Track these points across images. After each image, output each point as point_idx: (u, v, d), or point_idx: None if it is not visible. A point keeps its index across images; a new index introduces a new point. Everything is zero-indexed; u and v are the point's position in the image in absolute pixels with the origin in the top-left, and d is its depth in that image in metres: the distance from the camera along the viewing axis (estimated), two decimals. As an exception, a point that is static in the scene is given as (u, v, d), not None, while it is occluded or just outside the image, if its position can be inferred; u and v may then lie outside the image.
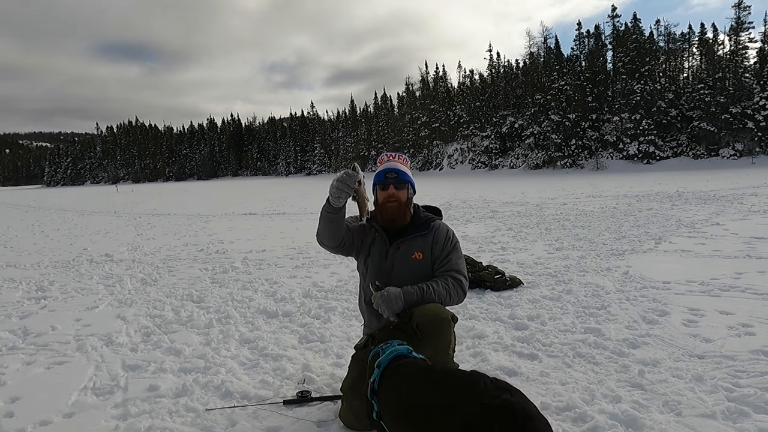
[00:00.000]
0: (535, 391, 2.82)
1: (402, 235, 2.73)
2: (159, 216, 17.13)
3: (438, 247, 2.70)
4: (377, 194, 2.78)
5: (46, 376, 3.37)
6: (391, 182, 2.72)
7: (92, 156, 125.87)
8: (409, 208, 2.78)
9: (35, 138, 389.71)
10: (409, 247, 2.69)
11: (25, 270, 7.51)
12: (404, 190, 2.74)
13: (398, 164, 2.80)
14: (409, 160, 3.00)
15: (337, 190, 2.47)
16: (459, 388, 1.75)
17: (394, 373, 2.05)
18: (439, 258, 2.69)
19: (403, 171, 2.77)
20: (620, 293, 4.70)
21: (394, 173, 2.73)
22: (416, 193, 2.88)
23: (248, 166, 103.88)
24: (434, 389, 1.83)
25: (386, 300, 2.45)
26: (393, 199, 2.71)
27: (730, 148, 43.46)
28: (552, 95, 51.36)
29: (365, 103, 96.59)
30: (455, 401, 1.71)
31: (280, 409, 2.73)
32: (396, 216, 2.72)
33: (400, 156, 2.89)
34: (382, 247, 2.75)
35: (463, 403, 1.68)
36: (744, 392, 2.63)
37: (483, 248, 7.63)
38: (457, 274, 2.65)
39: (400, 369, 2.06)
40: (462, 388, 1.74)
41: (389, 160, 2.84)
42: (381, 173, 2.76)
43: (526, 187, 24.30)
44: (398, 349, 2.16)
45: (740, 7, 47.29)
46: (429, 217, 2.82)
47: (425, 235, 2.71)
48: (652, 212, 11.20)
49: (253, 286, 5.75)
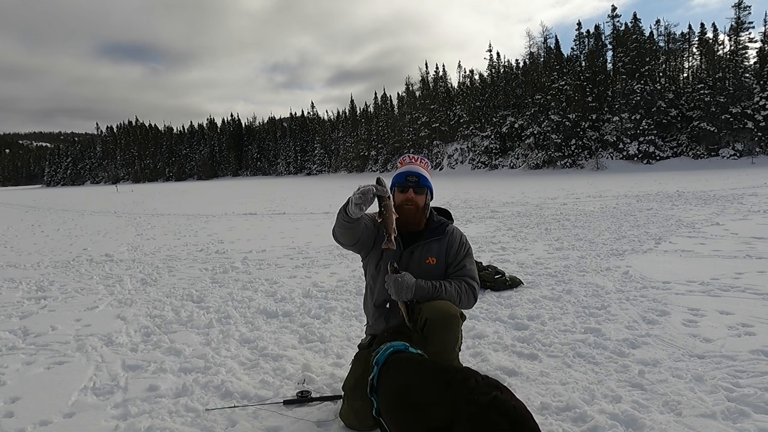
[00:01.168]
0: (535, 391, 2.82)
1: (416, 239, 2.71)
2: (159, 216, 17.13)
3: (452, 253, 2.70)
4: (395, 195, 2.74)
5: (46, 376, 3.37)
6: (411, 186, 2.69)
7: (92, 156, 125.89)
8: (425, 213, 2.76)
9: (35, 138, 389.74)
10: (423, 251, 2.68)
11: (25, 270, 7.51)
12: (423, 195, 2.72)
13: (420, 168, 2.77)
14: (430, 163, 2.95)
15: (355, 206, 2.42)
16: (450, 383, 1.77)
17: (390, 368, 2.09)
18: (453, 263, 2.69)
19: (425, 176, 2.74)
20: (620, 293, 4.70)
21: (415, 177, 2.70)
22: (434, 199, 2.84)
23: (248, 166, 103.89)
24: (426, 382, 1.86)
25: (398, 285, 2.46)
26: (411, 203, 2.69)
27: (730, 148, 43.49)
28: (552, 95, 51.37)
29: (365, 103, 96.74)
30: (446, 395, 1.73)
31: (280, 409, 2.73)
32: (411, 220, 2.71)
33: (422, 159, 2.84)
34: (396, 251, 2.74)
35: (453, 397, 1.70)
36: (744, 392, 2.63)
37: (483, 248, 7.63)
38: (470, 280, 2.65)
39: (395, 363, 2.09)
40: (453, 382, 1.76)
41: (411, 162, 2.80)
42: (402, 175, 2.73)
43: (526, 187, 24.30)
44: (394, 345, 2.17)
45: (740, 7, 47.37)
46: (443, 221, 2.81)
47: (440, 240, 2.71)
48: (652, 212, 11.20)
49: (253, 286, 5.75)
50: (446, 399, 1.72)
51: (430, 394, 1.79)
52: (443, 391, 1.75)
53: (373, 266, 2.77)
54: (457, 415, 1.63)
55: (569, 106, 50.54)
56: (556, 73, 52.29)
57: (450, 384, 1.76)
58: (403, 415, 1.89)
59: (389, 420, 2.00)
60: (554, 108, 50.80)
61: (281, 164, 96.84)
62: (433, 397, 1.77)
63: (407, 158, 2.84)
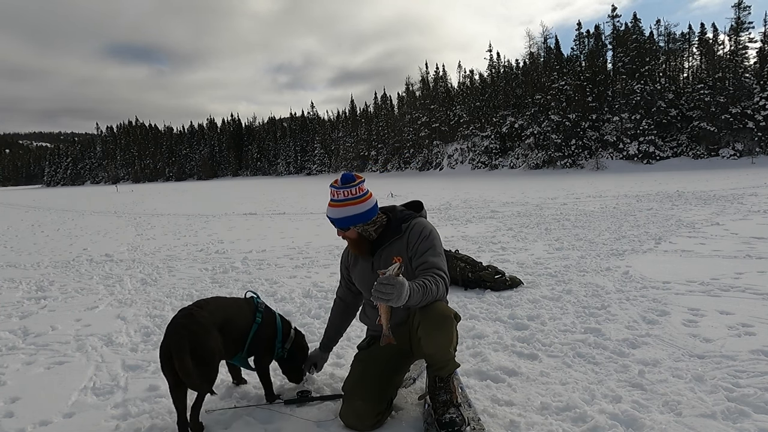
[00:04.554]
0: (535, 391, 2.82)
1: (380, 244, 2.71)
2: (159, 216, 17.13)
3: (412, 247, 2.63)
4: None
5: (46, 376, 3.37)
6: (337, 228, 2.69)
7: (92, 156, 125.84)
8: (368, 234, 2.71)
9: (35, 138, 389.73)
10: (389, 252, 2.65)
11: (25, 270, 7.51)
12: (351, 230, 2.67)
13: (338, 209, 2.61)
14: (360, 178, 2.67)
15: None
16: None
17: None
18: (415, 257, 2.61)
19: (341, 217, 2.60)
20: (620, 293, 4.70)
21: (334, 222, 2.67)
22: (376, 215, 2.71)
23: (248, 166, 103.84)
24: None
25: (386, 294, 2.13)
26: (347, 239, 2.73)
27: (730, 148, 43.46)
28: (552, 95, 51.34)
29: (365, 103, 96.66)
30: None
31: (281, 409, 2.73)
32: (356, 249, 2.74)
33: (341, 191, 2.61)
34: (366, 263, 2.76)
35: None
36: (744, 392, 2.63)
37: (483, 248, 7.63)
38: (438, 271, 2.52)
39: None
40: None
41: (331, 201, 2.67)
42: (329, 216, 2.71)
43: (526, 187, 24.29)
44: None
45: (740, 8, 47.32)
46: (404, 217, 2.74)
47: (400, 238, 2.68)
48: (652, 212, 11.20)
49: (253, 286, 5.75)
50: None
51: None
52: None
53: (357, 284, 2.89)
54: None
55: (569, 106, 50.52)
56: (556, 73, 52.26)
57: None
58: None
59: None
60: (554, 108, 50.78)
61: (281, 164, 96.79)
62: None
63: (330, 194, 2.69)
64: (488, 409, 2.62)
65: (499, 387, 2.90)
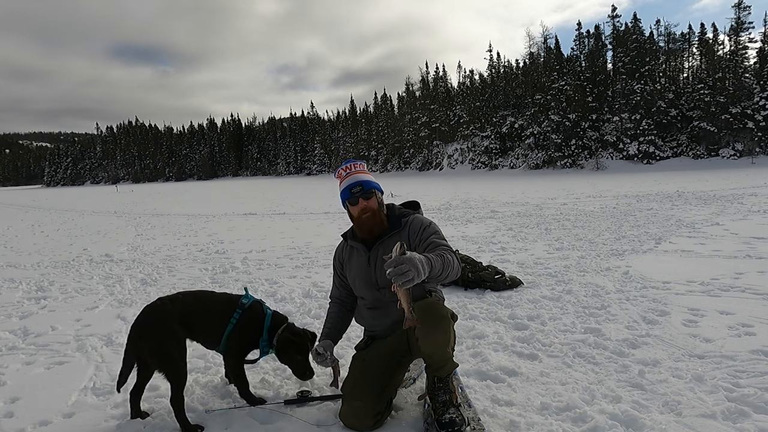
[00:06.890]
0: (535, 391, 2.82)
1: (379, 239, 2.73)
2: (159, 216, 17.13)
3: (416, 238, 2.64)
4: (349, 210, 2.78)
5: (46, 376, 3.37)
6: (359, 195, 2.70)
7: (92, 156, 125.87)
8: (382, 212, 2.76)
9: (35, 138, 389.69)
10: (387, 247, 2.61)
11: (25, 270, 7.51)
12: (373, 198, 2.72)
13: (358, 175, 2.76)
14: (365, 163, 2.94)
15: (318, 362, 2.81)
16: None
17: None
18: (420, 244, 2.59)
19: (366, 180, 2.73)
20: (620, 293, 4.70)
21: (358, 186, 2.70)
22: (384, 193, 2.86)
23: (248, 166, 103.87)
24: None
25: (405, 273, 2.05)
26: (366, 211, 2.70)
27: (730, 148, 43.44)
28: (552, 95, 51.33)
29: (365, 103, 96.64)
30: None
31: (280, 409, 2.73)
32: (374, 226, 2.72)
33: (355, 164, 2.84)
34: (362, 257, 2.76)
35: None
36: (744, 392, 2.63)
37: (483, 248, 7.63)
38: (447, 248, 2.49)
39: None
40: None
41: (347, 173, 2.79)
42: (346, 190, 2.74)
43: (526, 187, 24.29)
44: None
45: (740, 8, 47.30)
46: (403, 213, 2.80)
47: (400, 231, 2.71)
48: (652, 212, 11.20)
49: (253, 286, 5.75)
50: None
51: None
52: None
53: (353, 283, 2.87)
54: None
55: (569, 106, 50.51)
56: (556, 73, 52.25)
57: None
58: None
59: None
60: (554, 108, 50.77)
61: (281, 164, 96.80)
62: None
63: (342, 171, 2.82)
64: (488, 409, 2.62)
65: (499, 387, 2.90)
